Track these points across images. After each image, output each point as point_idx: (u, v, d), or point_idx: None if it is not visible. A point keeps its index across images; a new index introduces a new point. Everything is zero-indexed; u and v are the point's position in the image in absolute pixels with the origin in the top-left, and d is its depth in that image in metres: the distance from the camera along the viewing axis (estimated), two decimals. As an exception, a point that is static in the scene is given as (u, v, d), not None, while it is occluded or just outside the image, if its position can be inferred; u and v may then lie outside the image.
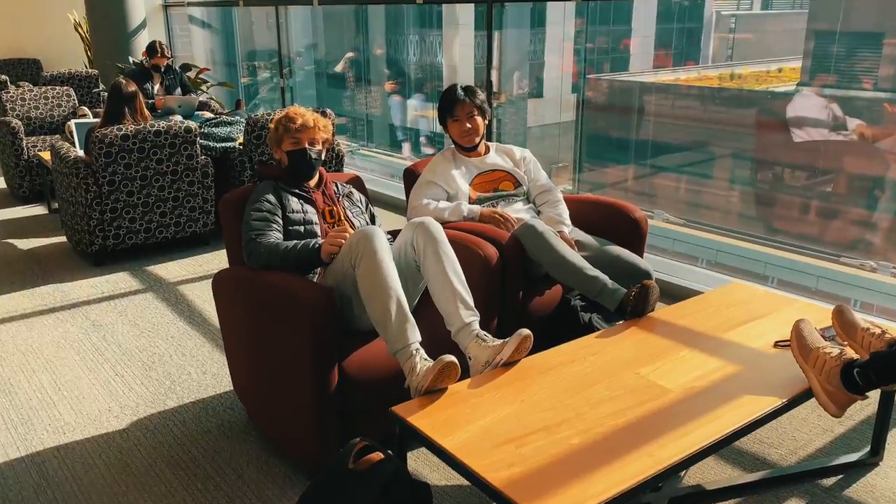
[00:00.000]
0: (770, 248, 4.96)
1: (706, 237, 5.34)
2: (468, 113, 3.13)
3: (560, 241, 2.76)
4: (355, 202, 2.87)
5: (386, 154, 8.17)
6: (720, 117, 6.76)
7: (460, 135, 3.16)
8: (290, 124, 2.72)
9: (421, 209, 3.06)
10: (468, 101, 3.12)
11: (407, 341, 2.20)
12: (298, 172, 2.75)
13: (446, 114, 3.16)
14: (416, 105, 8.40)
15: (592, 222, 3.22)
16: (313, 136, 2.75)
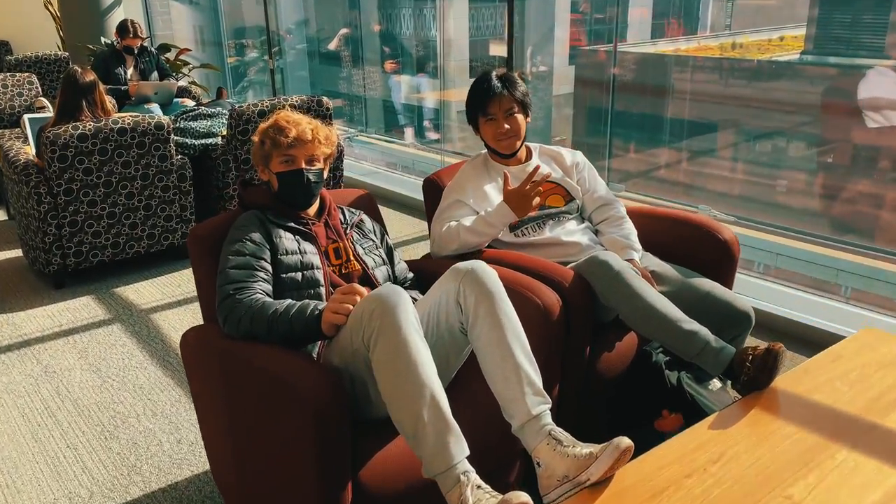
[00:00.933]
0: (840, 250, 4.30)
1: (759, 237, 4.66)
2: (507, 110, 2.42)
3: (643, 283, 2.08)
4: (367, 233, 2.19)
5: (387, 140, 7.45)
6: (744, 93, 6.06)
7: (496, 138, 2.46)
8: (280, 137, 2.02)
9: (446, 238, 2.38)
10: (506, 95, 2.42)
11: (451, 461, 1.53)
12: (293, 200, 2.07)
13: (477, 111, 2.46)
14: (419, 85, 7.65)
15: (663, 244, 2.54)
16: (312, 151, 2.06)
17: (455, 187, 2.49)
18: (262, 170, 2.11)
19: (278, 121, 2.05)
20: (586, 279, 2.13)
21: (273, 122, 2.06)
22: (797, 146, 5.33)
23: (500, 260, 2.25)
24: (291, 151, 2.03)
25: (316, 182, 2.07)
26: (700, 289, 2.28)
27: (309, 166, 2.06)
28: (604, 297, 2.10)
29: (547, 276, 2.12)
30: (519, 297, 2.00)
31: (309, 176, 2.04)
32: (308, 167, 2.05)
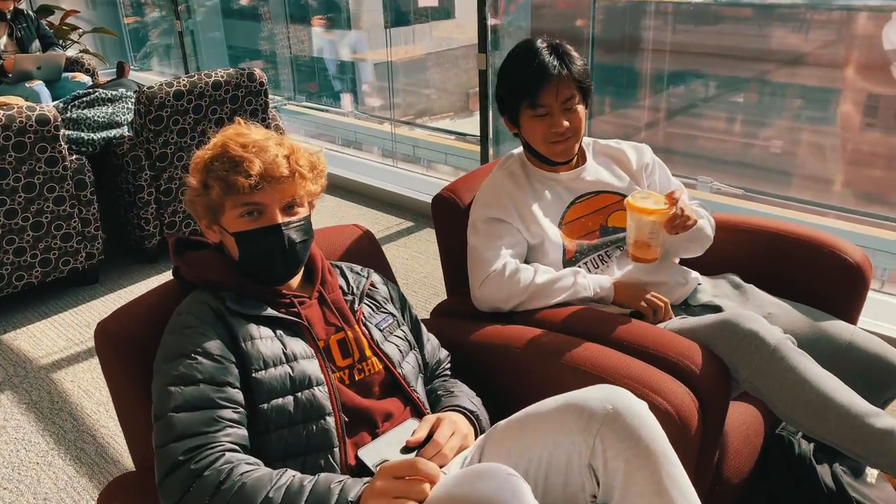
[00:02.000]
0: (868, 224, 3.77)
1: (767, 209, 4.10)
2: (566, 100, 1.67)
3: (808, 361, 1.40)
4: (383, 304, 1.43)
5: (320, 109, 6.54)
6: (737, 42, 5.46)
7: (549, 140, 1.71)
8: (235, 176, 1.24)
9: (507, 289, 1.63)
10: (566, 78, 1.66)
11: None
12: (267, 273, 1.29)
13: (521, 100, 1.69)
14: (355, 43, 6.73)
15: (762, 268, 1.88)
16: (292, 192, 1.29)
17: (490, 202, 1.74)
18: (207, 226, 1.31)
19: (228, 147, 1.25)
20: (719, 356, 1.44)
21: (220, 150, 1.26)
22: (800, 100, 4.76)
23: (569, 327, 1.53)
24: (257, 197, 1.24)
25: (303, 242, 1.30)
26: (838, 339, 1.63)
27: (289, 217, 1.28)
28: (751, 384, 1.42)
29: (662, 356, 1.41)
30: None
31: (291, 234, 1.27)
32: (288, 219, 1.27)
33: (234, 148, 1.24)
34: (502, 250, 1.67)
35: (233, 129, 1.30)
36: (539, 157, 1.76)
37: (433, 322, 1.70)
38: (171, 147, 3.29)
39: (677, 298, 1.75)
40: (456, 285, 1.90)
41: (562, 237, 1.74)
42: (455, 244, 1.85)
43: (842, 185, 4.36)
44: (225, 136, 1.27)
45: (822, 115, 4.64)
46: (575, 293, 1.62)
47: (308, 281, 1.36)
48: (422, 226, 3.84)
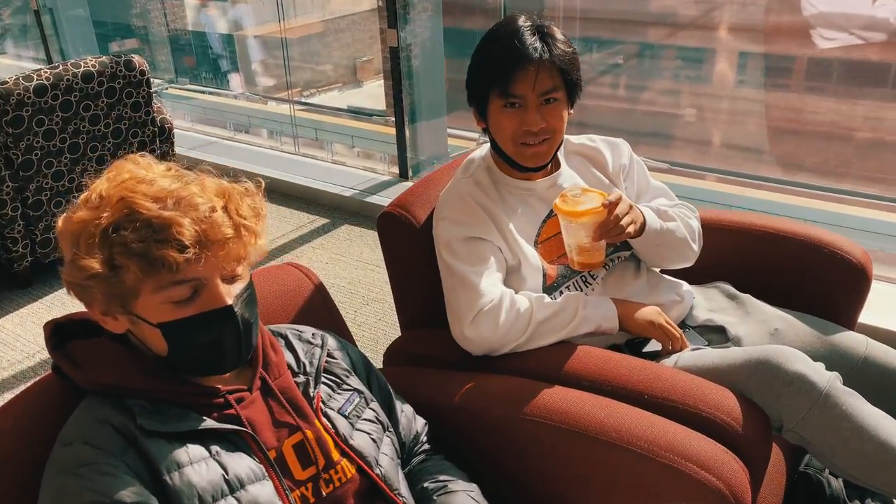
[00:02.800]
0: (798, 194, 3.71)
1: (695, 184, 3.98)
2: (545, 92, 1.36)
3: (863, 405, 1.19)
4: (343, 376, 1.09)
5: (207, 92, 5.97)
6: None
7: (519, 139, 1.39)
8: (162, 251, 0.87)
9: (506, 327, 1.32)
10: (547, 63, 1.35)
11: None
12: (209, 366, 0.94)
13: (491, 85, 1.37)
14: (240, 18, 6.15)
15: (758, 274, 1.67)
16: (239, 255, 0.92)
17: (464, 218, 1.43)
18: (104, 314, 0.92)
19: (136, 206, 0.88)
20: (755, 402, 1.20)
21: (123, 212, 0.88)
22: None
23: (572, 376, 1.25)
24: (194, 272, 0.89)
25: (254, 318, 0.96)
26: (853, 355, 1.44)
27: (233, 286, 0.93)
28: (797, 434, 1.19)
29: (694, 411, 1.15)
30: (674, 477, 1.04)
31: (244, 314, 0.92)
32: (237, 292, 0.93)
33: (146, 206, 0.87)
34: (493, 275, 1.37)
35: (128, 173, 0.92)
36: (507, 161, 1.46)
37: (389, 375, 1.39)
38: (36, 153, 2.77)
39: (674, 320, 1.51)
40: (411, 319, 1.58)
41: (540, 259, 1.45)
42: (410, 270, 1.54)
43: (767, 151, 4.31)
44: (123, 188, 0.89)
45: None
46: (577, 328, 1.34)
47: (251, 368, 1.01)
48: (338, 222, 3.48)
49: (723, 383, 1.23)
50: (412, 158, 3.82)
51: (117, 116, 2.96)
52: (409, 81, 3.70)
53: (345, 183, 3.71)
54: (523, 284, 1.43)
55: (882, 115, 4.56)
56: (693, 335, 1.50)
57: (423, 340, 1.50)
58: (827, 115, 5.35)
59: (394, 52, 3.53)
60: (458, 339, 1.36)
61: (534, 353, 1.32)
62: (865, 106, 4.86)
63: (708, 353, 1.33)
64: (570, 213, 1.30)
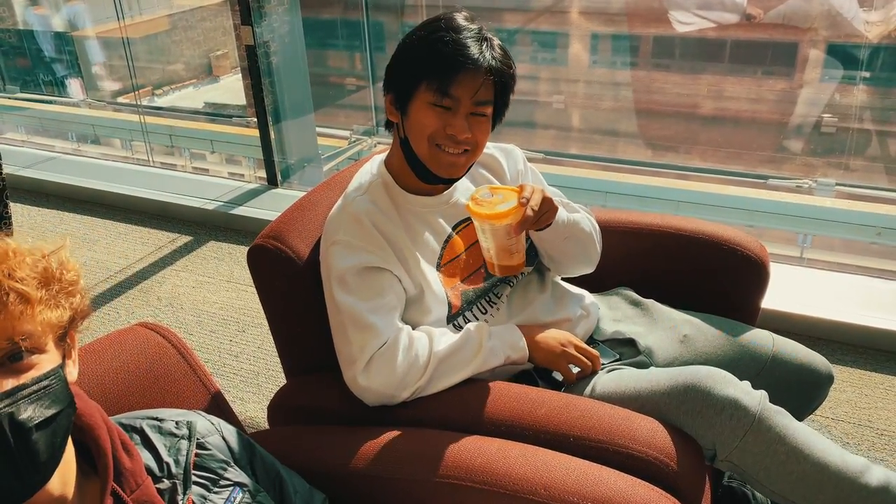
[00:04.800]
0: (667, 177, 3.78)
1: (568, 173, 3.97)
2: (480, 102, 1.22)
3: (797, 425, 1.11)
4: (220, 470, 0.89)
5: (41, 101, 5.38)
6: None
7: (436, 139, 1.23)
8: None
9: (402, 373, 1.16)
10: (493, 72, 1.21)
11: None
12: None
13: (426, 78, 1.20)
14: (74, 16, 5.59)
15: (661, 273, 1.61)
16: (11, 330, 0.71)
17: (357, 243, 1.24)
18: None
19: None
20: (685, 430, 1.10)
21: None
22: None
23: (484, 420, 1.11)
24: None
25: (47, 424, 0.72)
26: (761, 354, 1.40)
27: (10, 379, 0.71)
28: (730, 463, 1.10)
29: (625, 451, 1.04)
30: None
31: (16, 417, 0.69)
32: (10, 385, 0.71)
33: None
34: (389, 313, 1.21)
35: None
36: (415, 167, 1.28)
37: (276, 438, 1.20)
38: None
39: (583, 336, 1.41)
40: (295, 363, 1.39)
41: (443, 286, 1.30)
42: (290, 310, 1.34)
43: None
44: None
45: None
46: (484, 363, 1.20)
47: (87, 475, 0.80)
48: (202, 239, 3.18)
49: (648, 411, 1.13)
50: (280, 162, 3.57)
51: (-74, 140, 2.54)
52: (269, 80, 3.44)
53: (207, 195, 3.41)
54: (426, 316, 1.27)
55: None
56: (604, 350, 1.40)
57: (312, 390, 1.32)
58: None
59: (250, 50, 3.27)
60: (352, 387, 1.19)
61: (443, 397, 1.17)
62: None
63: (627, 377, 1.23)
64: (492, 216, 1.15)
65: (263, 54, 3.35)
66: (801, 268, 2.64)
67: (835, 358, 2.16)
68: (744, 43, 6.08)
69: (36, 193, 3.66)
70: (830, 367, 1.43)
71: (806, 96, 4.83)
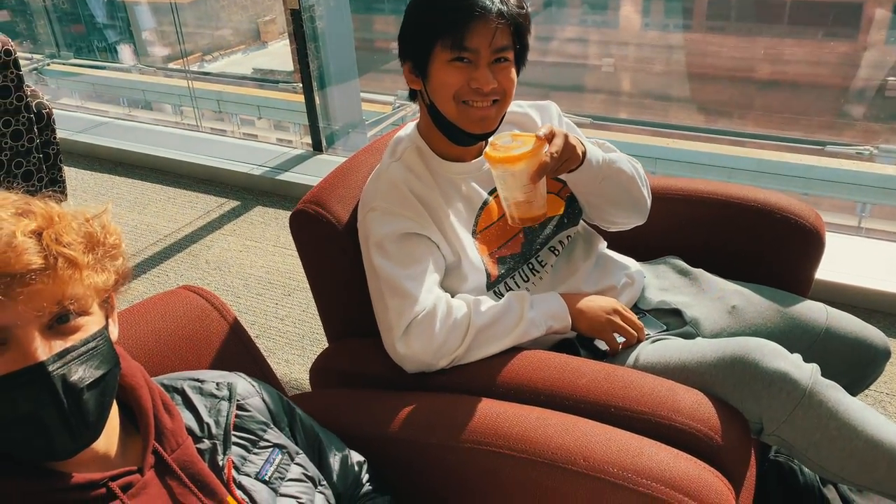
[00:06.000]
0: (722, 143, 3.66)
1: (617, 138, 3.88)
2: (500, 48, 1.17)
3: (850, 401, 1.07)
4: (259, 431, 0.89)
5: (95, 66, 5.48)
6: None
7: (463, 96, 1.19)
8: None
9: (443, 338, 1.15)
10: (506, 18, 1.16)
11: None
12: (30, 448, 0.72)
13: (439, 36, 1.17)
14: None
15: (710, 242, 1.56)
16: (60, 294, 0.72)
17: (396, 209, 1.23)
18: None
19: None
20: (730, 403, 1.07)
21: None
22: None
23: (524, 389, 1.10)
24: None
25: (97, 383, 0.74)
26: (814, 327, 1.35)
27: (61, 340, 0.72)
28: (778, 437, 1.07)
29: (668, 423, 1.02)
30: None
31: (69, 376, 0.71)
32: (61, 346, 0.72)
33: None
34: (427, 279, 1.19)
35: None
36: (445, 130, 1.26)
37: (317, 402, 1.21)
38: None
39: (627, 304, 1.38)
40: (338, 327, 1.40)
41: (479, 253, 1.28)
42: (332, 276, 1.35)
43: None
44: None
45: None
46: (524, 333, 1.19)
47: (129, 433, 0.81)
48: (250, 204, 3.22)
49: (693, 383, 1.10)
50: (325, 128, 3.57)
51: (-17, 105, 2.60)
52: (314, 45, 3.43)
53: (254, 160, 3.44)
54: (464, 284, 1.26)
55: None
56: (650, 320, 1.37)
57: (352, 354, 1.32)
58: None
59: (295, 14, 3.25)
60: (391, 354, 1.19)
61: (482, 364, 1.16)
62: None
63: (672, 347, 1.20)
64: (506, 160, 1.10)
65: (309, 19, 3.34)
66: (859, 238, 2.54)
67: (892, 332, 2.08)
68: (805, 3, 5.83)
69: (89, 157, 3.74)
70: (887, 342, 1.37)
71: (870, 59, 4.62)
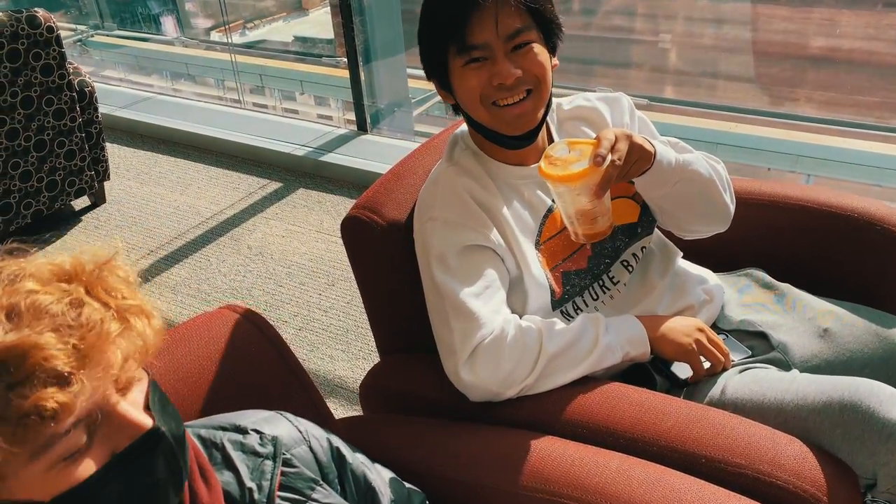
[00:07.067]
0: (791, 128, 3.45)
1: (671, 121, 3.69)
2: (512, 33, 1.04)
3: None
4: (307, 489, 0.79)
5: (138, 38, 5.43)
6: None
7: (489, 98, 1.07)
8: (19, 404, 0.53)
9: (506, 365, 1.03)
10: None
11: None
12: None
13: (447, 42, 1.05)
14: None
15: (797, 254, 1.42)
16: (131, 350, 0.61)
17: (457, 219, 1.12)
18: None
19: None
20: (836, 455, 0.95)
21: None
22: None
23: (602, 430, 0.99)
24: (81, 405, 0.56)
25: (180, 430, 0.65)
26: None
27: (130, 392, 0.62)
28: (893, 496, 0.95)
29: (766, 479, 0.90)
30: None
31: (171, 427, 0.63)
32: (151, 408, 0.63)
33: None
34: (495, 298, 1.08)
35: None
36: (490, 137, 1.14)
37: (369, 429, 1.11)
38: None
39: (705, 323, 1.26)
40: (389, 340, 1.30)
41: (543, 267, 1.16)
42: (385, 286, 1.24)
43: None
44: None
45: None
46: (599, 361, 1.07)
47: None
48: (292, 185, 3.13)
49: (791, 428, 0.98)
50: (370, 106, 3.46)
51: (25, 83, 2.55)
52: (360, 18, 3.30)
53: (297, 139, 3.34)
54: (526, 302, 1.15)
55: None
56: (733, 343, 1.24)
57: (406, 373, 1.22)
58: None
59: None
60: (453, 381, 1.09)
61: (554, 396, 1.05)
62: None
63: (765, 382, 1.07)
64: (565, 178, 0.98)
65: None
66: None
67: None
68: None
69: (131, 134, 3.69)
70: None
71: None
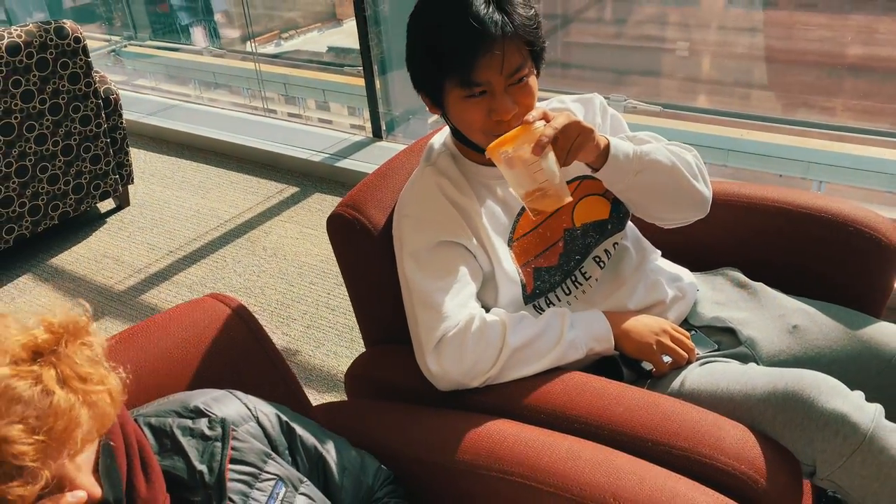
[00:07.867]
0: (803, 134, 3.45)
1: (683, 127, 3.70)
2: (513, 71, 1.10)
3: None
4: (260, 462, 0.86)
5: (169, 48, 5.60)
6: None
7: (489, 130, 1.13)
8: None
9: (470, 356, 1.09)
10: (511, 34, 1.07)
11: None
12: None
13: (447, 75, 1.11)
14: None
15: (773, 255, 1.46)
16: (95, 426, 0.68)
17: (431, 217, 1.19)
18: None
19: None
20: (780, 442, 0.99)
21: None
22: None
23: (558, 414, 1.04)
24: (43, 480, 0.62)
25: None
26: (884, 351, 1.23)
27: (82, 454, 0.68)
28: (832, 483, 0.99)
29: (709, 462, 0.95)
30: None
31: (114, 491, 0.71)
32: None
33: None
34: (462, 292, 1.14)
35: None
36: (475, 148, 1.22)
37: (351, 410, 1.18)
38: None
39: (675, 320, 1.30)
40: (374, 332, 1.37)
41: (514, 262, 1.22)
42: (368, 280, 1.31)
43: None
44: None
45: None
46: (563, 356, 1.13)
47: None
48: (308, 190, 3.23)
49: (740, 417, 1.02)
50: (385, 114, 3.54)
51: (53, 91, 2.68)
52: (376, 29, 3.39)
53: (315, 146, 3.44)
54: (498, 296, 1.21)
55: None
56: (700, 338, 1.29)
57: (387, 362, 1.29)
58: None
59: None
60: (423, 370, 1.15)
61: (519, 385, 1.10)
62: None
63: (720, 374, 1.12)
64: (499, 143, 1.03)
65: (372, 2, 3.30)
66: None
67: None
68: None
69: (157, 140, 3.83)
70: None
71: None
